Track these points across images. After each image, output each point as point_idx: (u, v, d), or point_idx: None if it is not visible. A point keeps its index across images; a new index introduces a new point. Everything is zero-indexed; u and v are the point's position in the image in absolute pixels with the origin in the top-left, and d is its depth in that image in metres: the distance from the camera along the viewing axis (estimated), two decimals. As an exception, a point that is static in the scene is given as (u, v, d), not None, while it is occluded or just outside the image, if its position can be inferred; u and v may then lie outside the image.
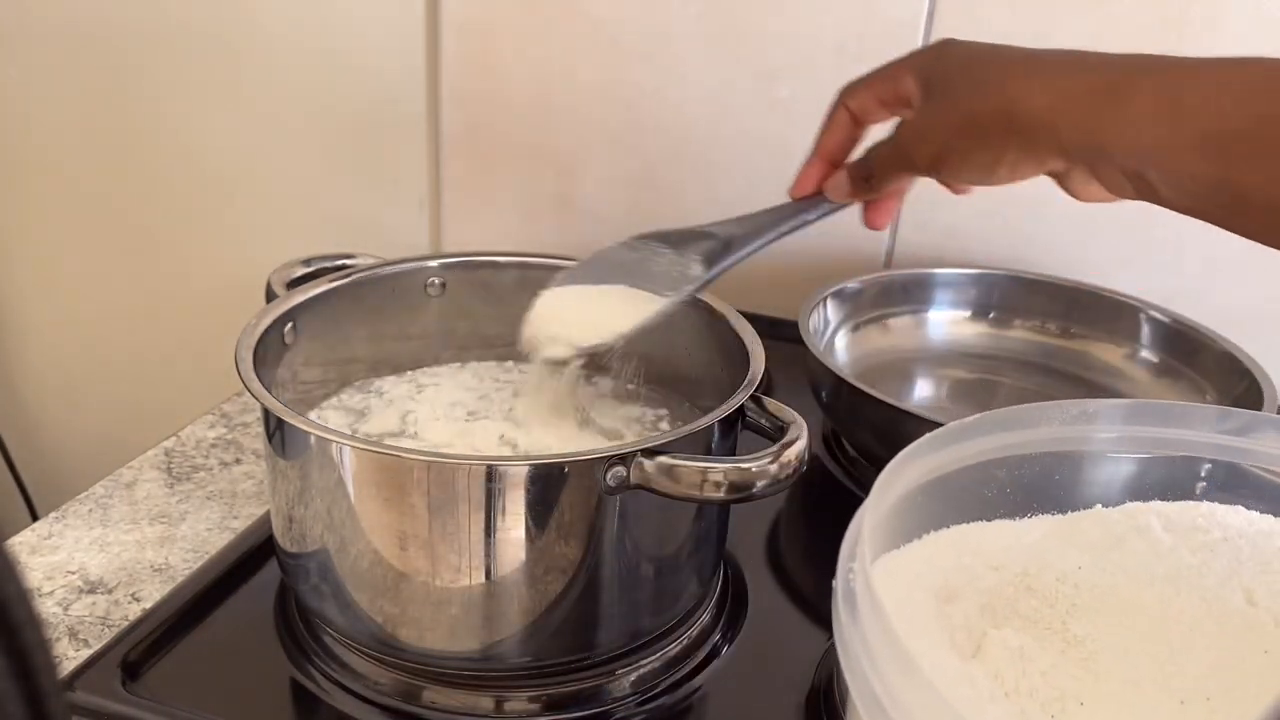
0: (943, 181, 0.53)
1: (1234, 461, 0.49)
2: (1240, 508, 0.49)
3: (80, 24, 1.00)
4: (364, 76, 0.94)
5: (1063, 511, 0.50)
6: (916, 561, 0.46)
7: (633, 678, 0.54)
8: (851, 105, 0.56)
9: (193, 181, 1.02)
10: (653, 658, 0.55)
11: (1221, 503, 0.50)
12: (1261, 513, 0.49)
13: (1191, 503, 0.50)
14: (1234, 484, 0.50)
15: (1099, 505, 0.49)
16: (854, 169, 0.56)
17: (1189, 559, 0.47)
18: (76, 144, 1.05)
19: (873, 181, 0.55)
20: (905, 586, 0.44)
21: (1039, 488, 0.49)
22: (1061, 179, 0.50)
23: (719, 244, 0.58)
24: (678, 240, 0.59)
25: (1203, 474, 0.50)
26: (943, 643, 0.42)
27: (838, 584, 0.39)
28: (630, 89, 0.88)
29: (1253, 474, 0.49)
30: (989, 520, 0.49)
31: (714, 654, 0.56)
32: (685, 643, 0.56)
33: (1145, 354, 0.79)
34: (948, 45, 0.52)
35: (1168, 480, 0.50)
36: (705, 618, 0.58)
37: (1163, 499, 0.50)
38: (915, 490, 0.45)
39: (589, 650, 0.52)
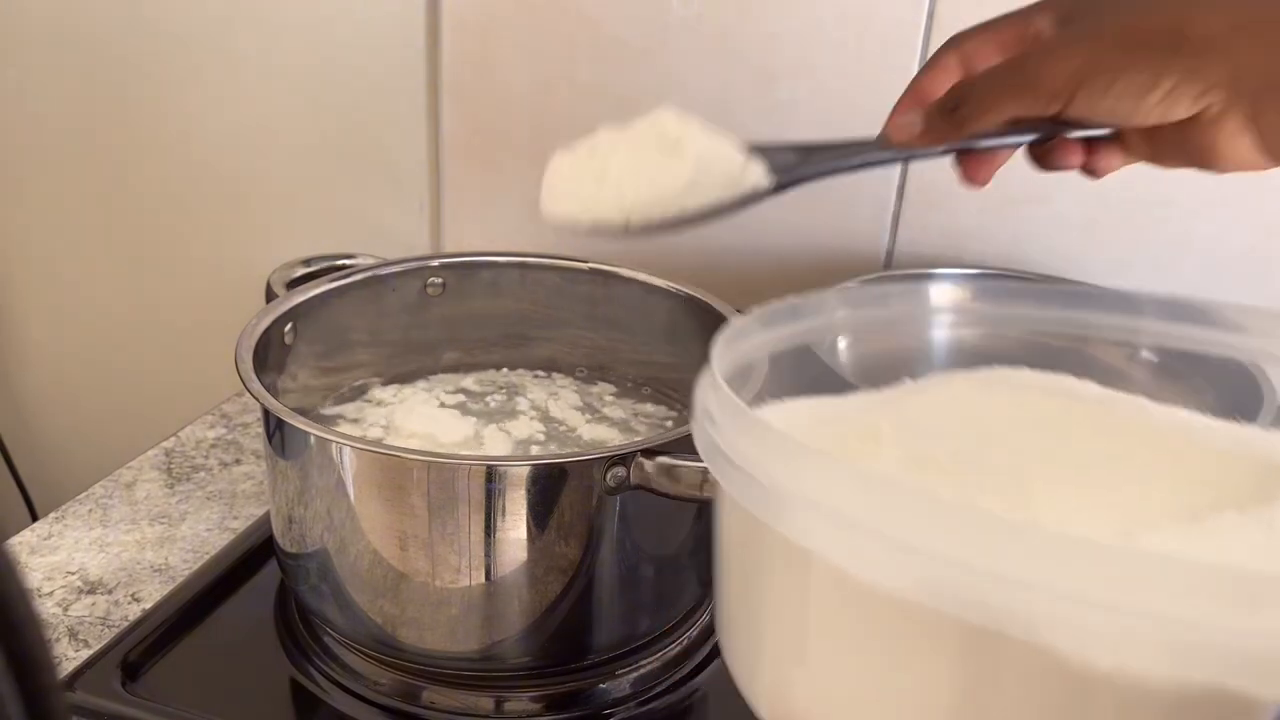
0: (1071, 118, 0.43)
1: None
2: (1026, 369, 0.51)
3: (80, 24, 1.00)
4: (364, 76, 0.94)
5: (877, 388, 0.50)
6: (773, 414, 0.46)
7: (633, 678, 0.54)
8: (967, 47, 0.46)
9: (193, 181, 1.02)
10: (653, 658, 0.55)
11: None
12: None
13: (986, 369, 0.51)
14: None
15: (908, 380, 0.51)
16: (937, 102, 0.45)
17: (997, 398, 0.49)
18: (76, 144, 1.05)
19: (965, 111, 0.44)
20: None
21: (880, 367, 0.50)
22: (1211, 125, 0.41)
23: (792, 157, 0.49)
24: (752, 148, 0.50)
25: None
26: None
27: (694, 412, 0.39)
28: (630, 89, 0.88)
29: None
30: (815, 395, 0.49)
31: (714, 654, 0.56)
32: (685, 643, 0.56)
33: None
34: None
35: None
36: (705, 618, 0.58)
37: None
38: (740, 368, 0.45)
39: (589, 651, 0.52)
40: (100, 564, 0.62)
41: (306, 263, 0.63)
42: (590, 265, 0.65)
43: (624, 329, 0.65)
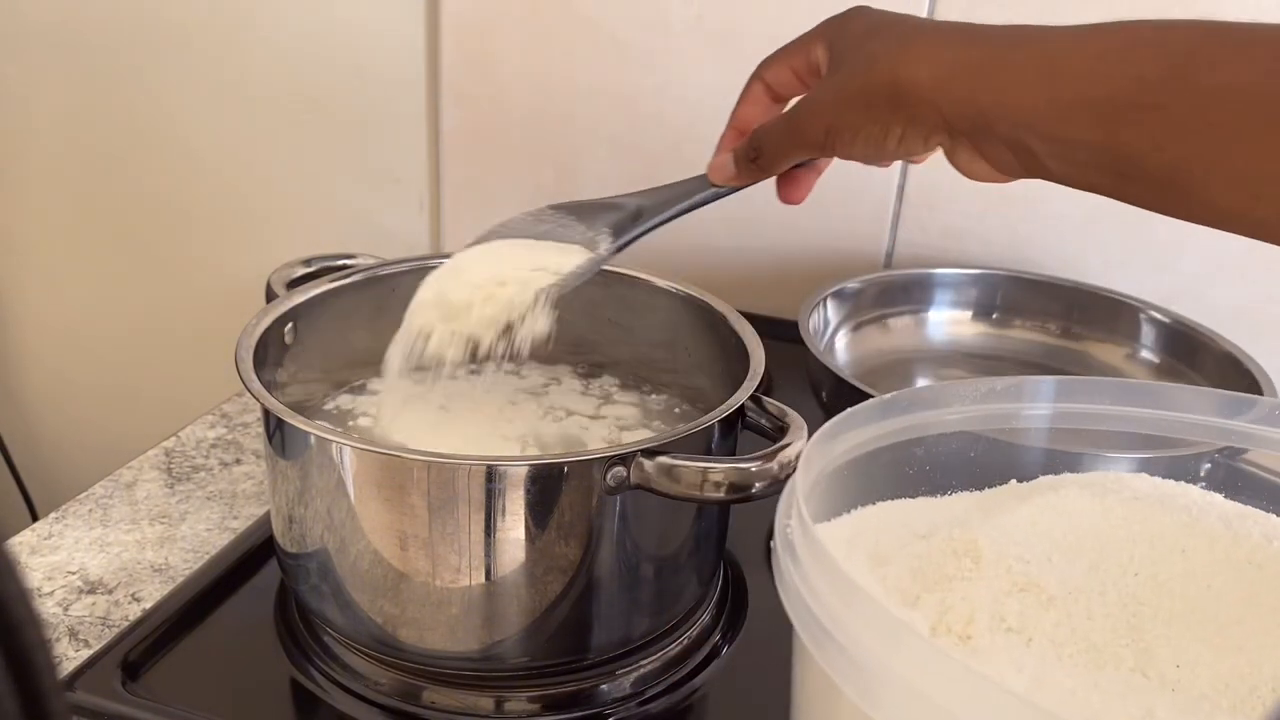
0: (840, 156, 0.51)
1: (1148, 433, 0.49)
2: (1144, 475, 0.50)
3: (80, 24, 1.00)
4: (364, 77, 0.94)
5: (979, 488, 0.50)
6: (846, 530, 0.46)
7: (633, 678, 0.54)
8: (767, 77, 0.54)
9: (193, 182, 1.02)
10: (653, 658, 0.55)
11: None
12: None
13: (1099, 472, 0.50)
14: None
15: (1014, 480, 0.50)
16: (741, 149, 0.54)
17: (1111, 512, 0.47)
18: (77, 145, 1.05)
19: (762, 161, 0.53)
20: (838, 552, 0.44)
21: (956, 466, 0.50)
22: (950, 156, 0.48)
23: (627, 215, 0.57)
24: (586, 212, 0.58)
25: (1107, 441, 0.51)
26: (880, 595, 0.42)
27: (776, 539, 0.39)
28: (630, 89, 0.88)
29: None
30: (912, 497, 0.49)
31: (714, 654, 0.56)
32: (685, 643, 0.56)
33: (1145, 354, 0.79)
34: (854, 13, 0.50)
35: (1076, 454, 0.50)
36: (705, 618, 0.58)
37: (1072, 471, 0.50)
38: (839, 469, 0.45)
39: (589, 650, 0.52)
40: (100, 564, 0.62)
41: (306, 263, 0.63)
42: (590, 265, 0.65)
43: (624, 329, 0.65)
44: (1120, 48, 0.41)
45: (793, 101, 0.53)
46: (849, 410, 0.45)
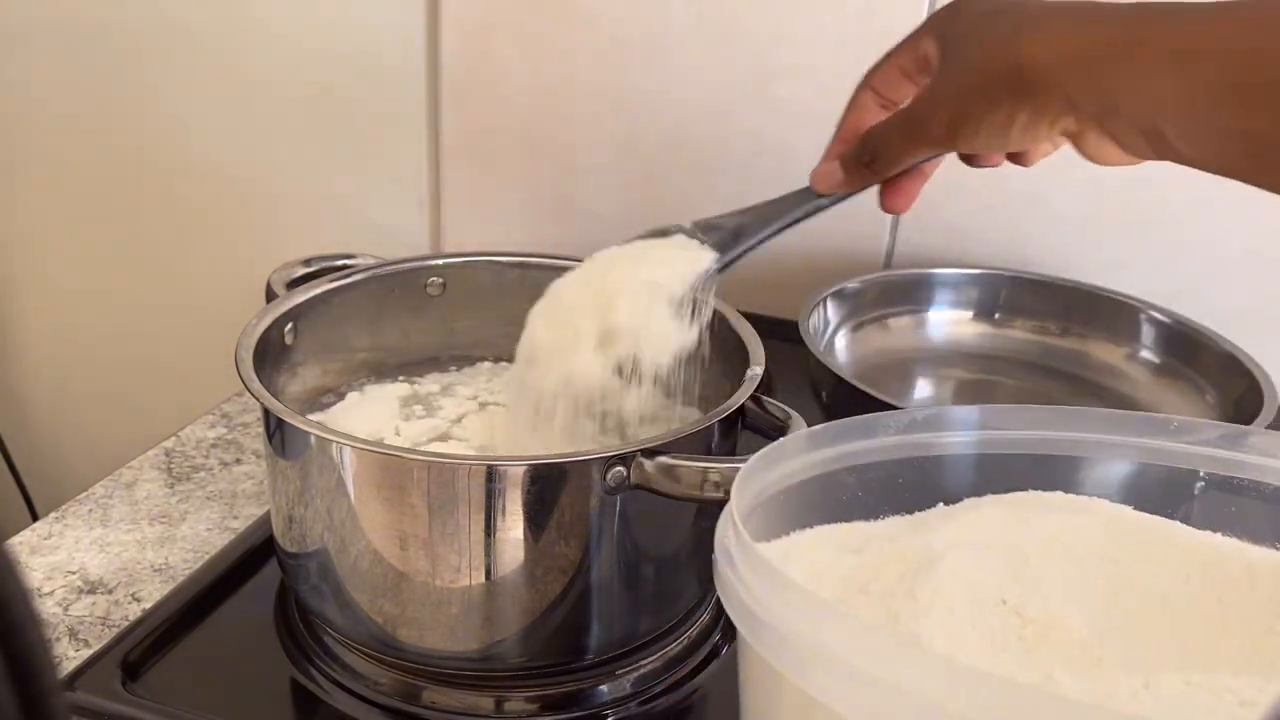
0: (963, 153, 0.49)
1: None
2: (1059, 492, 0.50)
3: (80, 24, 1.00)
4: (364, 76, 0.94)
5: (910, 512, 0.50)
6: (780, 550, 0.46)
7: (633, 678, 0.54)
8: (875, 82, 0.52)
9: (193, 181, 1.02)
10: (653, 658, 0.55)
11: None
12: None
13: (1019, 493, 0.50)
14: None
15: (941, 504, 0.50)
16: (852, 153, 0.52)
17: (1027, 523, 0.48)
18: (76, 145, 1.05)
19: (877, 164, 0.51)
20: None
21: (887, 490, 0.50)
22: (1077, 141, 0.46)
23: (728, 234, 0.55)
24: (683, 236, 0.56)
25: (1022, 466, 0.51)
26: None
27: (716, 551, 0.40)
28: (630, 89, 0.88)
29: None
30: (847, 521, 0.49)
31: (714, 654, 0.56)
32: (685, 643, 0.56)
33: (1145, 354, 0.79)
34: (964, 1, 0.48)
35: (1003, 476, 0.50)
36: (705, 618, 0.58)
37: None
38: (772, 497, 0.45)
39: (589, 650, 0.52)
40: (100, 564, 0.62)
41: (306, 263, 0.63)
42: (590, 265, 0.65)
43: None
44: (1254, 27, 0.39)
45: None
46: (780, 440, 0.46)
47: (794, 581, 0.37)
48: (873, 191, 0.53)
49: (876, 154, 0.51)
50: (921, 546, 0.45)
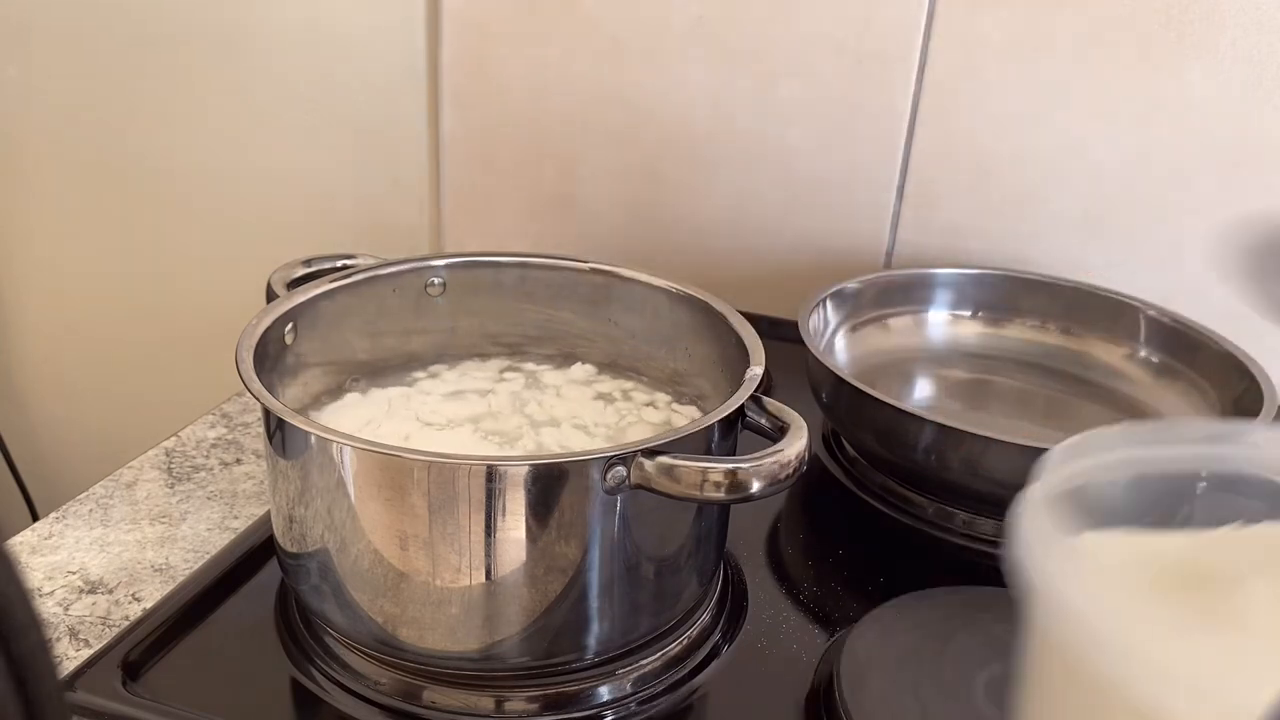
0: None
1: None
2: None
3: (80, 24, 1.00)
4: (364, 77, 0.94)
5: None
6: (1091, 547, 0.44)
7: (633, 678, 0.54)
8: None
9: (193, 181, 1.02)
10: (653, 658, 0.55)
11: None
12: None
13: None
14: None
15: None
16: None
17: None
18: (77, 144, 1.05)
19: None
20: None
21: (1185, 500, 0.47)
22: None
23: None
24: None
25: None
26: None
27: (1016, 535, 0.36)
28: (630, 89, 0.88)
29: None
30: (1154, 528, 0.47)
31: (714, 654, 0.56)
32: (685, 643, 0.56)
33: (1145, 354, 0.79)
34: None
35: None
36: (705, 618, 0.58)
37: None
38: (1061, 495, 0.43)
39: (589, 650, 0.52)
40: (101, 564, 0.62)
41: (306, 263, 0.63)
42: (591, 265, 0.65)
43: (624, 329, 0.65)
44: None
45: None
46: (1080, 437, 0.43)
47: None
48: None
49: None
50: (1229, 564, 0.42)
